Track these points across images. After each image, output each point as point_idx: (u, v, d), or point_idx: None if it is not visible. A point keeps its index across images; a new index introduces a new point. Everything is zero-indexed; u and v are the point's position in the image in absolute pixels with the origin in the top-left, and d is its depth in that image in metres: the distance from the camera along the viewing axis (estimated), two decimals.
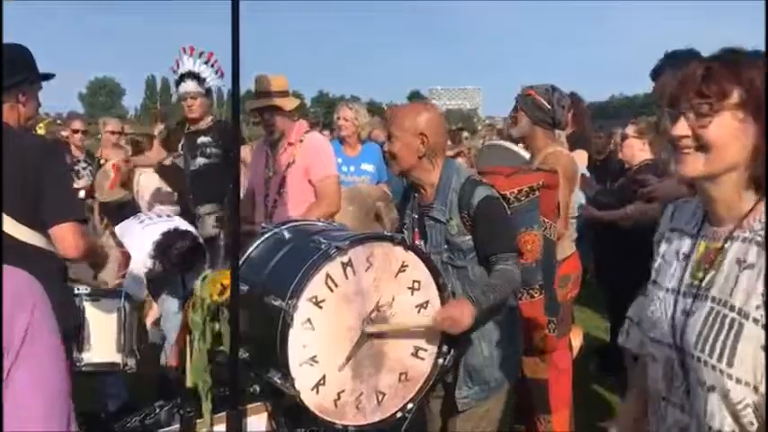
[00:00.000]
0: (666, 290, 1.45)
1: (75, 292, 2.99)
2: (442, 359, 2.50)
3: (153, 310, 4.06)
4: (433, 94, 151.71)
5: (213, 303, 2.53)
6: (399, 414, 2.47)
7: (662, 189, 3.56)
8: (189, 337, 2.64)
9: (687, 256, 1.43)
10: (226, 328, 2.48)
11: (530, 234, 2.77)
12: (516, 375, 2.76)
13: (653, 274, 1.53)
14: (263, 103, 3.93)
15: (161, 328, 4.15)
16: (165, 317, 4.17)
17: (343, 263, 2.29)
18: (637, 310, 1.62)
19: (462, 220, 2.54)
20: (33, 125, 3.30)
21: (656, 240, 1.57)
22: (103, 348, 3.02)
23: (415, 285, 2.44)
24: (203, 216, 4.56)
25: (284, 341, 2.22)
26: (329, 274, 2.28)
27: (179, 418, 2.69)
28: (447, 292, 2.48)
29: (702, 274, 1.37)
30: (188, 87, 4.57)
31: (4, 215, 2.55)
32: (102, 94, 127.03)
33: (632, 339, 1.63)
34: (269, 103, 3.90)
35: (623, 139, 4.60)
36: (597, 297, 5.66)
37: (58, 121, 8.34)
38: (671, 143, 1.36)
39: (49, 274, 1.33)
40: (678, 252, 1.46)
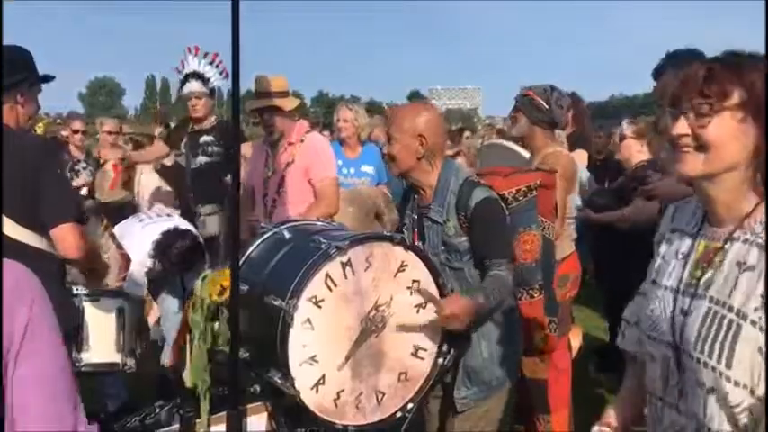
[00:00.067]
0: (665, 288, 1.46)
1: (75, 292, 2.99)
2: (441, 359, 2.50)
3: (154, 309, 4.06)
4: (432, 93, 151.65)
5: (213, 303, 2.53)
6: (399, 414, 2.47)
7: (662, 187, 3.57)
8: (189, 337, 2.64)
9: (686, 256, 1.43)
10: (225, 328, 2.48)
11: (529, 234, 2.77)
12: (516, 376, 2.76)
13: (653, 274, 1.53)
14: (262, 104, 3.93)
15: (161, 327, 4.15)
16: (165, 317, 4.17)
17: (342, 263, 2.29)
18: (633, 311, 1.62)
19: (459, 222, 2.54)
20: (32, 126, 3.30)
21: (656, 241, 1.57)
22: (103, 348, 3.02)
23: (415, 285, 2.44)
24: (204, 216, 4.56)
25: (284, 341, 2.22)
26: (329, 274, 2.28)
27: (179, 418, 2.69)
28: (446, 292, 2.48)
29: (701, 273, 1.37)
30: (192, 87, 4.62)
31: (3, 216, 2.55)
32: (102, 94, 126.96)
33: (628, 340, 1.63)
34: (268, 104, 3.90)
35: (621, 139, 4.60)
36: (596, 297, 5.66)
37: (58, 121, 8.34)
38: (671, 142, 1.37)
39: (48, 274, 1.34)
40: (677, 251, 1.46)
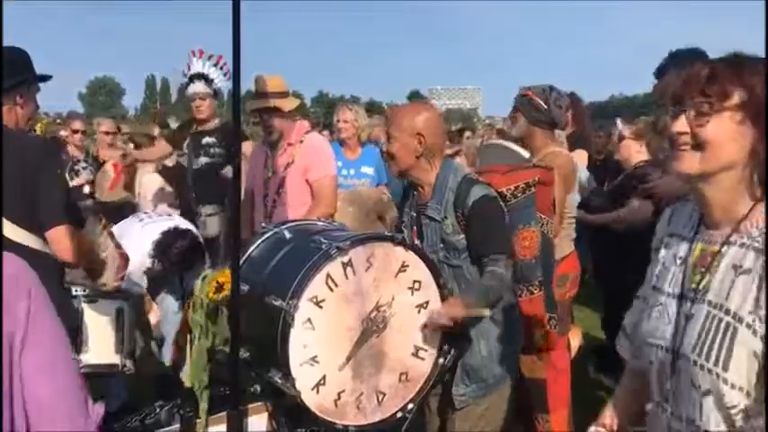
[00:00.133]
0: (668, 294, 1.46)
1: (73, 293, 2.99)
2: (442, 359, 2.50)
3: (154, 309, 4.06)
4: (432, 93, 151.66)
5: (210, 302, 2.54)
6: (400, 414, 2.47)
7: (663, 185, 3.57)
8: (189, 337, 2.64)
9: (684, 260, 1.43)
10: (225, 328, 2.48)
11: (527, 230, 2.77)
12: (515, 374, 2.76)
13: (653, 280, 1.53)
14: (261, 105, 3.93)
15: (161, 328, 4.15)
16: (165, 317, 4.16)
17: (343, 263, 2.30)
18: (631, 318, 1.62)
19: (457, 219, 2.55)
20: (32, 126, 3.29)
21: (654, 247, 1.57)
22: (102, 350, 3.02)
23: (416, 285, 2.44)
24: (205, 216, 4.57)
25: (285, 341, 2.22)
26: (330, 274, 2.28)
27: (179, 418, 2.69)
28: (447, 291, 2.49)
29: (699, 278, 1.38)
30: (197, 88, 4.66)
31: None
32: (102, 94, 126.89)
33: (623, 348, 1.64)
34: (267, 105, 3.90)
35: (620, 139, 4.60)
36: (596, 297, 5.65)
37: (58, 121, 8.33)
38: (670, 140, 1.38)
39: (46, 275, 1.34)
40: (676, 256, 1.47)
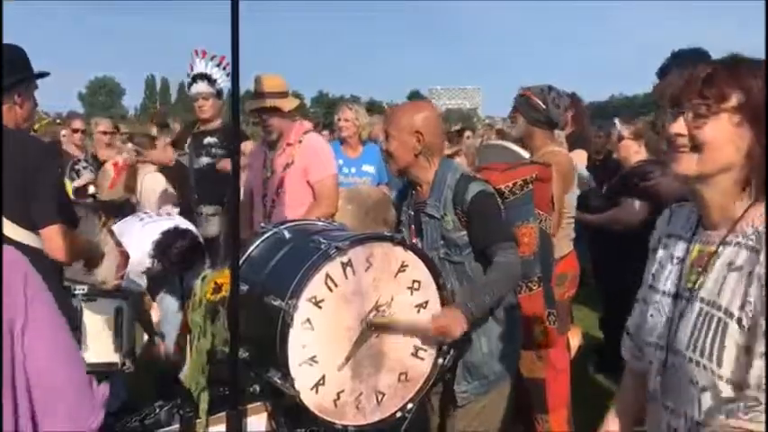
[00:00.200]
0: (663, 293, 1.47)
1: (73, 292, 2.99)
2: (441, 359, 2.51)
3: (154, 308, 4.07)
4: (432, 93, 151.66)
5: (208, 302, 2.54)
6: (399, 414, 2.47)
7: (665, 183, 3.56)
8: (189, 337, 2.64)
9: (682, 260, 1.45)
10: (223, 328, 2.48)
11: (526, 227, 2.78)
12: (515, 371, 2.77)
13: (650, 279, 1.54)
14: (259, 104, 3.94)
15: (161, 328, 4.15)
16: (165, 316, 4.17)
17: (342, 263, 2.30)
18: (633, 321, 1.63)
19: (457, 216, 2.55)
20: (30, 126, 3.29)
21: (651, 247, 1.58)
22: (101, 348, 3.01)
23: (415, 285, 2.44)
24: (206, 216, 4.57)
25: (284, 341, 2.23)
26: (329, 275, 2.28)
27: (179, 418, 2.69)
28: (446, 291, 2.49)
29: (696, 278, 1.39)
30: (199, 88, 4.68)
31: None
32: (102, 94, 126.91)
33: (626, 349, 1.65)
34: (266, 104, 3.90)
35: (619, 139, 4.61)
36: (595, 297, 5.66)
37: (58, 121, 8.33)
38: (668, 141, 1.39)
39: (45, 273, 1.35)
40: (673, 256, 1.48)
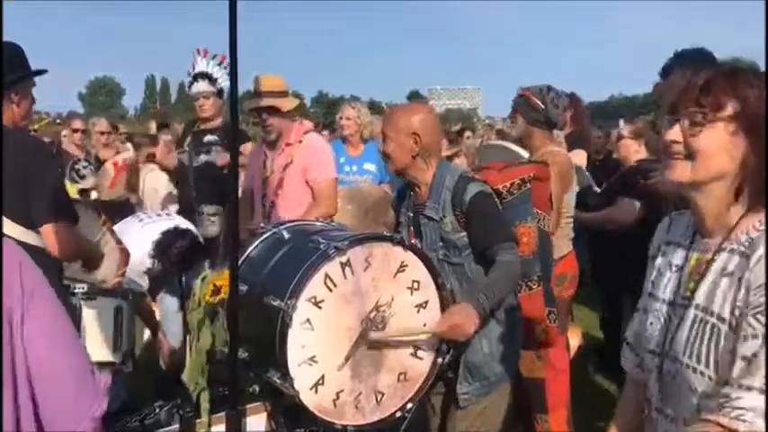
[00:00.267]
0: (662, 301, 1.49)
1: (72, 291, 2.99)
2: (440, 358, 2.51)
3: (155, 309, 4.07)
4: (432, 93, 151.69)
5: (207, 304, 2.54)
6: (398, 414, 2.47)
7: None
8: (188, 338, 2.64)
9: (680, 268, 1.46)
10: (222, 329, 2.49)
11: (525, 226, 2.78)
12: (515, 372, 2.77)
13: (649, 287, 1.56)
14: (258, 104, 3.94)
15: (161, 327, 4.15)
16: (165, 316, 4.17)
17: (341, 263, 2.30)
18: (633, 330, 1.64)
19: (456, 217, 2.55)
20: (28, 124, 3.28)
21: (651, 255, 1.60)
22: (99, 347, 3.01)
23: (415, 285, 2.44)
24: (206, 215, 4.57)
25: (283, 341, 2.23)
26: (328, 275, 2.28)
27: (179, 418, 2.70)
28: (446, 292, 2.49)
29: (693, 286, 1.40)
30: (200, 87, 4.69)
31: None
32: (102, 94, 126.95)
33: (628, 360, 1.65)
34: (265, 104, 3.91)
35: (619, 139, 4.61)
36: (595, 297, 5.67)
37: (57, 121, 8.35)
38: (664, 148, 1.41)
39: (44, 271, 1.35)
40: (672, 264, 1.49)
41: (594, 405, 4.48)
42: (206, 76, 4.70)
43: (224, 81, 4.73)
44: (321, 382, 2.30)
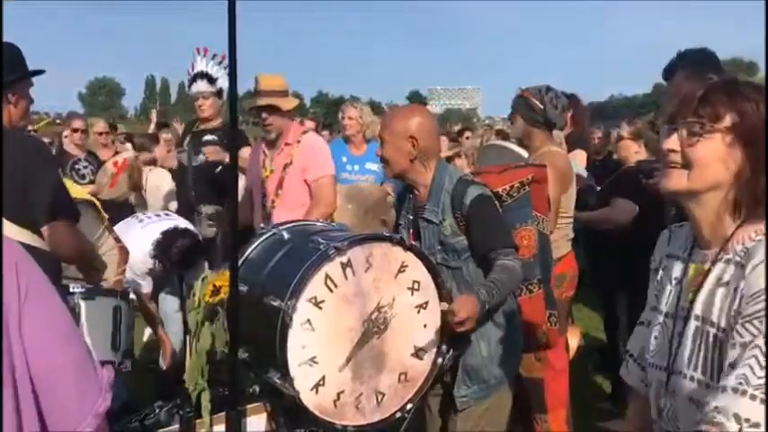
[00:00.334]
0: (664, 314, 1.50)
1: (71, 290, 2.99)
2: (441, 359, 2.51)
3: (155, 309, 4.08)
4: (432, 93, 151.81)
5: (207, 304, 2.54)
6: (399, 414, 2.47)
7: None
8: (188, 338, 2.64)
9: (680, 281, 1.48)
10: (222, 329, 2.49)
11: (525, 229, 2.77)
12: (514, 374, 2.77)
13: (652, 301, 1.57)
14: (257, 102, 3.94)
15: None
16: (165, 316, 4.18)
17: (342, 263, 2.30)
18: (635, 343, 1.64)
19: (456, 221, 2.55)
20: (26, 124, 3.28)
21: (653, 268, 1.61)
22: (98, 347, 3.01)
23: (415, 286, 2.44)
24: (205, 216, 4.58)
25: (283, 342, 2.22)
26: (328, 275, 2.28)
27: (179, 419, 2.70)
28: (446, 292, 2.49)
29: (692, 296, 1.41)
30: (200, 87, 4.69)
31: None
32: (102, 94, 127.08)
33: (632, 374, 1.65)
34: (265, 102, 3.91)
35: (618, 140, 4.61)
36: (594, 298, 5.66)
37: (57, 121, 8.35)
38: (662, 157, 1.42)
39: (43, 271, 1.36)
40: (672, 277, 1.51)
41: (594, 405, 4.49)
42: (205, 75, 4.69)
43: (223, 81, 4.73)
44: (322, 382, 2.30)
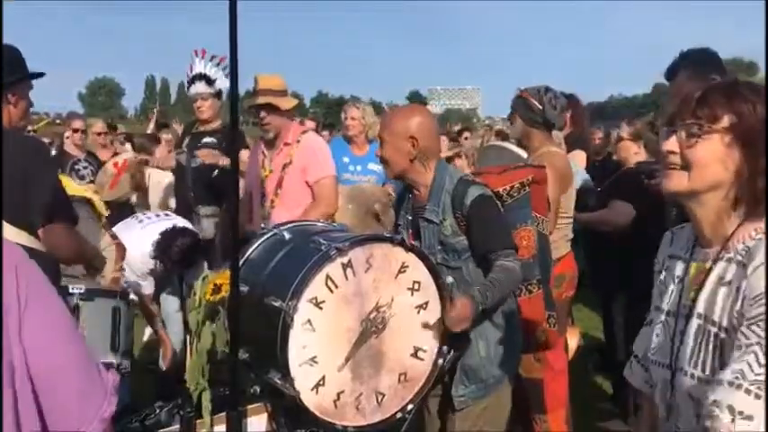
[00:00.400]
0: (667, 313, 1.51)
1: (70, 291, 2.98)
2: (441, 359, 2.51)
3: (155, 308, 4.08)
4: (432, 94, 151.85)
5: (208, 303, 2.54)
6: (399, 415, 2.47)
7: None
8: (189, 338, 2.64)
9: (682, 279, 1.49)
10: (222, 329, 2.49)
11: (524, 230, 2.78)
12: (514, 374, 2.77)
13: (656, 300, 1.58)
14: (256, 101, 3.94)
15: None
16: (167, 317, 4.18)
17: (343, 264, 2.30)
18: (640, 344, 1.65)
19: (456, 221, 2.55)
20: (26, 125, 3.28)
21: (656, 270, 1.62)
22: (97, 348, 3.01)
23: (415, 286, 2.44)
24: (203, 217, 4.58)
25: (284, 342, 2.22)
26: (329, 275, 2.28)
27: (179, 419, 2.70)
28: (446, 292, 2.49)
29: (694, 294, 1.42)
30: (198, 89, 4.67)
31: None
32: (102, 94, 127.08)
33: (636, 375, 1.66)
34: (264, 101, 3.91)
35: (618, 141, 4.61)
36: (594, 298, 5.67)
37: (57, 121, 8.35)
38: (661, 158, 1.44)
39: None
40: (674, 276, 1.52)
41: (594, 405, 4.49)
42: (204, 77, 4.69)
43: (222, 82, 4.73)
44: (322, 382, 2.30)
